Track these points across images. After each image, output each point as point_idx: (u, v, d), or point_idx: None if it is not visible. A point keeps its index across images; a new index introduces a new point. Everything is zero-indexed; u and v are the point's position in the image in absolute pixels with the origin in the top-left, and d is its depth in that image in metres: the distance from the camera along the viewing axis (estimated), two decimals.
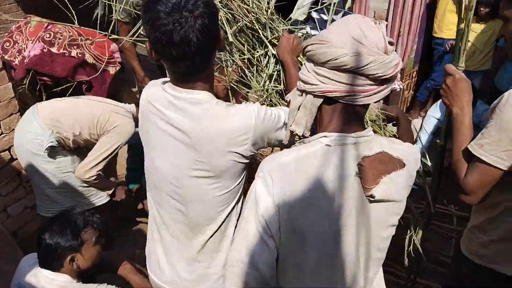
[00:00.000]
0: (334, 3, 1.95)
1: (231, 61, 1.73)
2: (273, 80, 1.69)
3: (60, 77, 3.47)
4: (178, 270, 1.37)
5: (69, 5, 1.87)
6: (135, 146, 2.95)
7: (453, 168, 1.41)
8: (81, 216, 1.71)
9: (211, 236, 1.32)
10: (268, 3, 1.75)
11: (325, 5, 2.09)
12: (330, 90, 0.96)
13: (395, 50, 1.02)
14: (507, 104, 1.24)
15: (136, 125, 2.55)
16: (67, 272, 1.64)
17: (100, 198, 2.59)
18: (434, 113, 3.32)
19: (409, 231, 1.77)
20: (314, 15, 3.09)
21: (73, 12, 1.86)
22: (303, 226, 0.97)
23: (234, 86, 1.74)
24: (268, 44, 1.68)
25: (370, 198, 0.99)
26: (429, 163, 1.77)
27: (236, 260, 1.01)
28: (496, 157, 1.26)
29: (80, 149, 2.49)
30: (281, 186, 0.97)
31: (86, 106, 2.46)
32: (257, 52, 1.70)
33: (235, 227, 1.33)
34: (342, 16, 2.37)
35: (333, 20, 1.98)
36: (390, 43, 0.96)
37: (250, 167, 1.33)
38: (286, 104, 1.32)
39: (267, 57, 1.70)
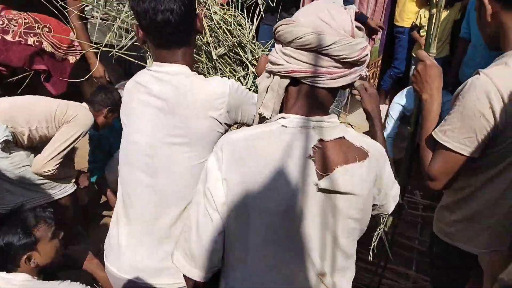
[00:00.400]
0: None
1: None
2: None
3: (16, 66, 3.30)
4: (141, 255, 1.30)
5: None
6: (94, 138, 2.86)
7: (420, 154, 1.44)
8: (32, 212, 1.63)
9: (179, 217, 1.28)
10: (249, 28, 1.96)
11: None
12: (295, 70, 0.97)
13: None
14: (470, 91, 1.26)
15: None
16: (26, 271, 1.56)
17: (63, 189, 2.49)
18: (400, 100, 3.39)
19: (380, 219, 1.81)
20: None
21: None
22: (249, 200, 0.97)
23: None
24: (248, 64, 1.87)
25: (317, 187, 0.96)
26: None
27: (188, 226, 1.03)
28: (459, 143, 1.28)
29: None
30: (230, 161, 0.98)
31: (43, 100, 2.38)
32: (238, 73, 1.89)
33: None
34: None
35: None
36: (359, 28, 0.96)
37: None
38: None
39: (247, 75, 1.90)
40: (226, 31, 1.85)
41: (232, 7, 1.91)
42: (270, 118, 1.05)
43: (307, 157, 0.96)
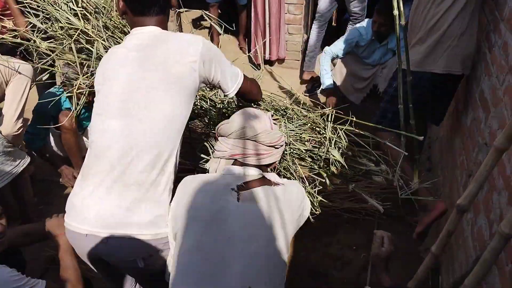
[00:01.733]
0: None
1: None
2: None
3: None
4: (109, 203, 1.26)
5: None
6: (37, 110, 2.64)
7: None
8: None
9: (150, 164, 1.26)
10: None
11: None
12: (235, 153, 1.37)
13: None
14: None
15: None
16: None
17: (23, 160, 2.33)
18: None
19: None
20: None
21: None
22: (181, 225, 1.25)
23: None
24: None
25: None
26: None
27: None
28: None
29: None
30: (178, 196, 1.32)
31: None
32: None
33: (175, 167, 1.35)
34: None
35: None
36: (275, 124, 1.48)
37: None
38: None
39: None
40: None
41: None
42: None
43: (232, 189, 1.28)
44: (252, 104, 1.75)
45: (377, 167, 1.74)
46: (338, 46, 3.31)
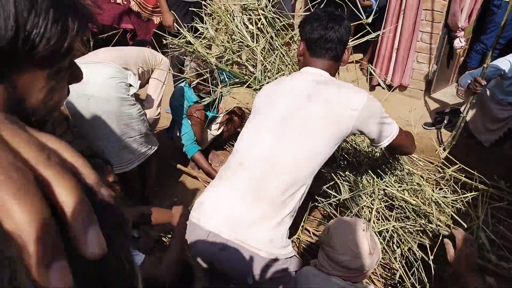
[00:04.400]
0: None
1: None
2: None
3: (105, 24, 3.44)
4: (239, 209, 1.31)
5: None
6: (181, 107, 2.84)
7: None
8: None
9: (284, 186, 1.31)
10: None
11: None
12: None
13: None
14: None
15: None
16: None
17: (151, 148, 2.47)
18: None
19: None
20: None
21: None
22: None
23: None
24: None
25: None
26: None
27: None
28: None
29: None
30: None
31: (131, 48, 2.49)
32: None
33: (302, 197, 1.39)
34: None
35: None
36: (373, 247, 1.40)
37: None
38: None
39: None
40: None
41: None
42: None
43: None
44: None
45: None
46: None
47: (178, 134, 2.79)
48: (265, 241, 1.27)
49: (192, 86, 2.69)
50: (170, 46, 2.10)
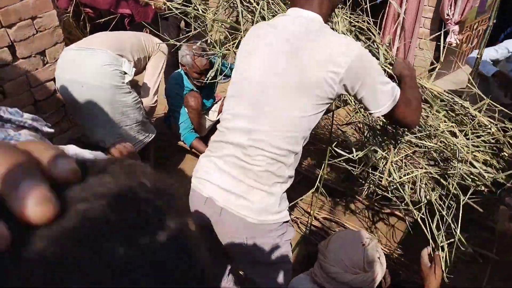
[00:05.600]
0: None
1: None
2: None
3: (103, 9, 3.37)
4: (228, 182, 1.32)
5: None
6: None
7: None
8: None
9: (271, 162, 1.29)
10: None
11: None
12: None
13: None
14: None
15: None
16: None
17: (148, 136, 2.45)
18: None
19: None
20: None
21: None
22: None
23: None
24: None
25: None
26: None
27: None
28: None
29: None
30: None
31: (128, 33, 2.40)
32: None
33: (293, 168, 1.36)
34: None
35: None
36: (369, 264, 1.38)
37: None
38: None
39: None
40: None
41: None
42: None
43: None
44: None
45: None
46: (490, 51, 2.92)
47: (175, 123, 2.76)
48: (255, 208, 1.28)
49: (185, 73, 2.64)
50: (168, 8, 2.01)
